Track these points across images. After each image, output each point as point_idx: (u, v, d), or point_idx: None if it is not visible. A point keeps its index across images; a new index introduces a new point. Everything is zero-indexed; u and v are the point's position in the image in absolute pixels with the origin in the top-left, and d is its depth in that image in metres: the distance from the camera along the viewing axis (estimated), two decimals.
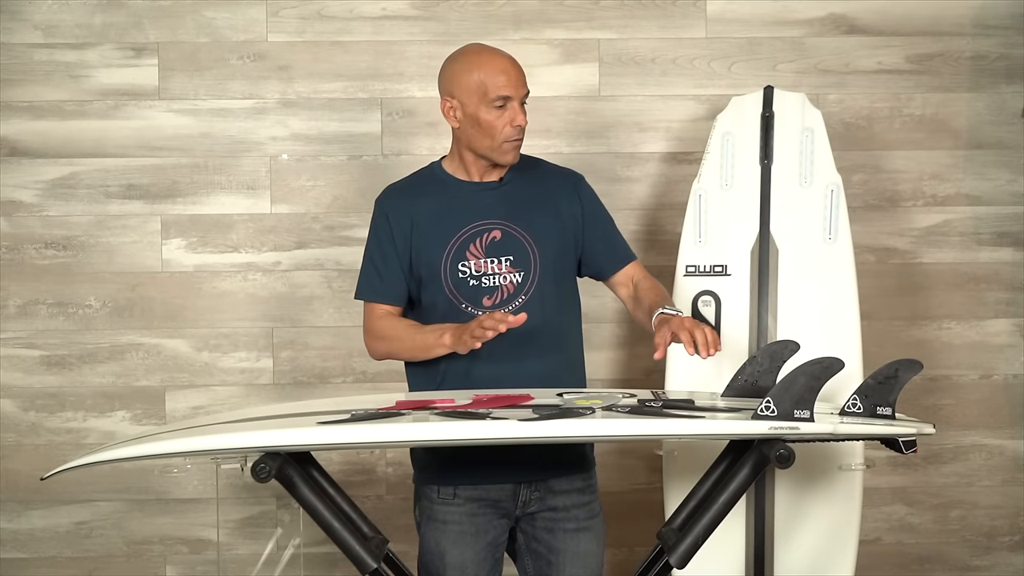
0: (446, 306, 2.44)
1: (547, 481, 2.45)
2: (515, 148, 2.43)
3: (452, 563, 2.42)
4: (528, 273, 2.44)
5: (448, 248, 2.43)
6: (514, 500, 2.45)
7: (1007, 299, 3.49)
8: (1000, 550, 3.52)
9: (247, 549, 3.43)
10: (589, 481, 2.51)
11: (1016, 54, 3.47)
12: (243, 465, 2.07)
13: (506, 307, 2.43)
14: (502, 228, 2.45)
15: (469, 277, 2.43)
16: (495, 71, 2.40)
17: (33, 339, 3.43)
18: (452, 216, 2.45)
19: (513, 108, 2.40)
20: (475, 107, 2.40)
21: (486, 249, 2.44)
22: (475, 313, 2.41)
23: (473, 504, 2.42)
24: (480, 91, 2.39)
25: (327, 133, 3.43)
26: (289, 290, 3.44)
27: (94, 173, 3.41)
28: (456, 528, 2.42)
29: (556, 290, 2.47)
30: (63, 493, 3.40)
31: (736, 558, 2.83)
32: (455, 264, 2.43)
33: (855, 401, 2.12)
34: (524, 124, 2.42)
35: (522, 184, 2.50)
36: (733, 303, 2.89)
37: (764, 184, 2.94)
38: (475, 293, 2.43)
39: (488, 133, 2.40)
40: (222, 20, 3.41)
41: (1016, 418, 3.50)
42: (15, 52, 3.40)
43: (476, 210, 2.45)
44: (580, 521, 2.47)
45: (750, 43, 3.45)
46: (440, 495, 2.44)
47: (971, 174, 3.48)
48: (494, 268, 2.43)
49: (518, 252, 2.44)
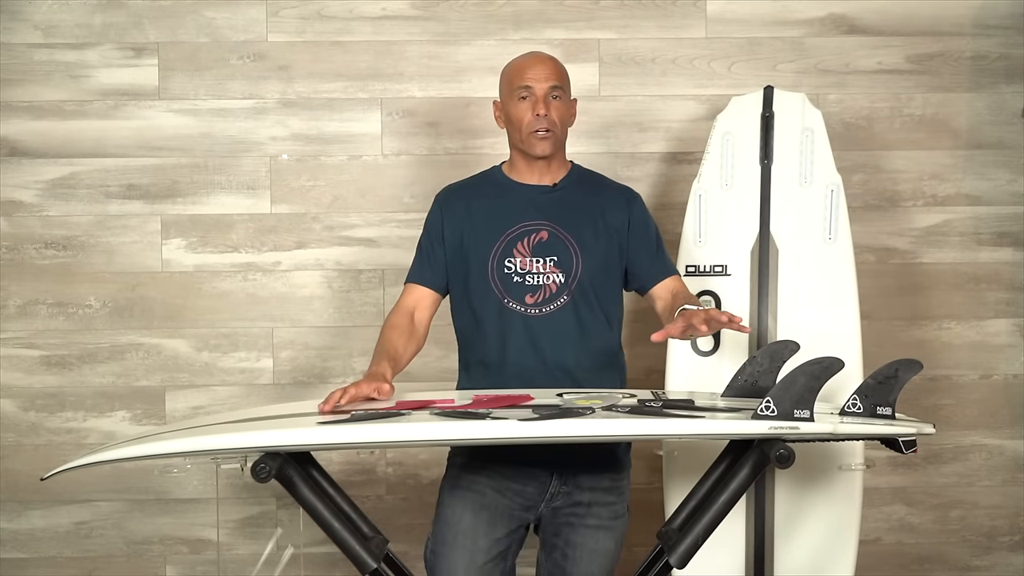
0: (491, 300, 2.50)
1: (577, 477, 2.48)
2: (543, 140, 2.52)
3: (464, 530, 2.42)
4: (570, 275, 2.50)
5: (497, 244, 2.52)
6: (541, 492, 2.47)
7: (1007, 299, 3.49)
8: (1000, 550, 3.52)
9: (247, 549, 3.43)
10: (618, 483, 2.53)
11: (1016, 54, 3.46)
12: (243, 465, 2.07)
13: (548, 306, 2.49)
14: (549, 230, 2.53)
15: (514, 274, 2.50)
16: (521, 66, 2.56)
17: (33, 339, 3.43)
18: (503, 214, 2.54)
19: (534, 98, 2.50)
20: (507, 103, 2.56)
21: (532, 248, 2.51)
22: (518, 309, 2.49)
23: (504, 480, 2.46)
24: (508, 87, 2.55)
25: (327, 133, 3.43)
26: (289, 290, 3.44)
27: (94, 173, 3.42)
28: (479, 499, 2.44)
29: (596, 295, 2.52)
30: (63, 493, 3.40)
31: (736, 558, 2.83)
32: (502, 260, 2.51)
33: (855, 401, 2.12)
34: (545, 113, 2.50)
35: (575, 191, 2.59)
36: (733, 303, 2.89)
37: (764, 184, 2.94)
38: (519, 289, 2.50)
39: (516, 125, 2.53)
40: (222, 20, 3.42)
41: (1016, 418, 3.50)
42: (15, 52, 3.40)
43: (526, 211, 2.54)
44: (603, 520, 2.49)
45: (750, 43, 3.45)
46: (472, 463, 2.47)
47: (971, 174, 3.48)
48: (538, 267, 2.50)
49: (562, 254, 2.51)
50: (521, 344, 2.48)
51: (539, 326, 2.48)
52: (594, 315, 2.51)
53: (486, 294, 2.51)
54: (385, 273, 3.41)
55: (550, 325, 2.48)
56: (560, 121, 2.54)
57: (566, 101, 2.57)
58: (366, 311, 3.41)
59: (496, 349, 2.50)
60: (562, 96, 2.55)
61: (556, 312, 2.49)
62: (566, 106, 2.57)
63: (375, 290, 3.41)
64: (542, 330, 2.48)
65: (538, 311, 2.49)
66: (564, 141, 2.59)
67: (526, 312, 2.48)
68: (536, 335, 2.48)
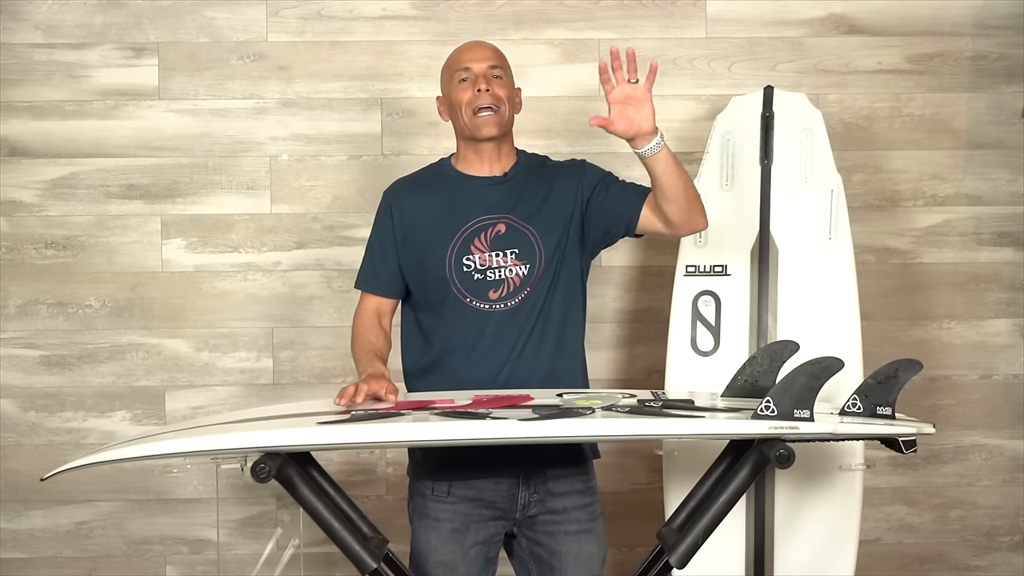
0: (452, 301, 2.44)
1: (546, 483, 2.44)
2: (489, 122, 2.45)
3: (442, 561, 2.41)
4: (533, 266, 2.45)
5: (453, 242, 2.45)
6: (512, 502, 2.43)
7: (1007, 299, 3.49)
8: (1000, 550, 3.52)
9: (247, 549, 3.43)
10: (589, 483, 2.50)
11: (1016, 54, 3.47)
12: (243, 465, 2.07)
13: (512, 299, 2.43)
14: (507, 222, 2.46)
15: (474, 271, 2.43)
16: (458, 53, 2.53)
17: (33, 339, 3.43)
18: (457, 210, 2.47)
19: (474, 76, 2.46)
20: (448, 91, 2.51)
21: (491, 243, 2.45)
22: (480, 307, 2.42)
23: (467, 503, 2.42)
24: (448, 74, 2.51)
25: (327, 133, 3.43)
26: (289, 290, 3.44)
27: (94, 173, 3.42)
28: (448, 526, 2.42)
29: (561, 283, 2.47)
30: (63, 493, 3.40)
31: (736, 558, 2.84)
32: (460, 258, 2.44)
33: (855, 401, 2.12)
34: (487, 89, 2.44)
35: (526, 179, 2.52)
36: (733, 303, 2.90)
37: (764, 184, 2.94)
38: (480, 287, 2.43)
39: (459, 108, 2.47)
40: (222, 20, 3.42)
41: (1016, 418, 3.50)
42: (15, 52, 3.40)
43: (481, 204, 2.47)
44: (581, 523, 2.46)
45: (750, 43, 3.45)
46: (434, 492, 2.43)
47: (971, 174, 3.48)
48: (499, 261, 2.44)
49: (523, 245, 2.45)
50: (488, 341, 2.41)
51: (504, 320, 2.41)
52: (558, 304, 2.45)
53: (445, 293, 2.44)
54: None
55: (516, 317, 2.42)
56: (505, 99, 2.46)
57: (508, 83, 2.50)
58: None
59: (460, 349, 2.43)
60: (503, 76, 2.48)
61: (521, 304, 2.42)
62: (508, 87, 2.49)
63: None
64: (509, 323, 2.41)
65: (503, 305, 2.42)
66: (511, 125, 2.51)
67: (491, 308, 2.42)
68: (503, 329, 2.41)
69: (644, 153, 2.33)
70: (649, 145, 2.32)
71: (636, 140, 2.32)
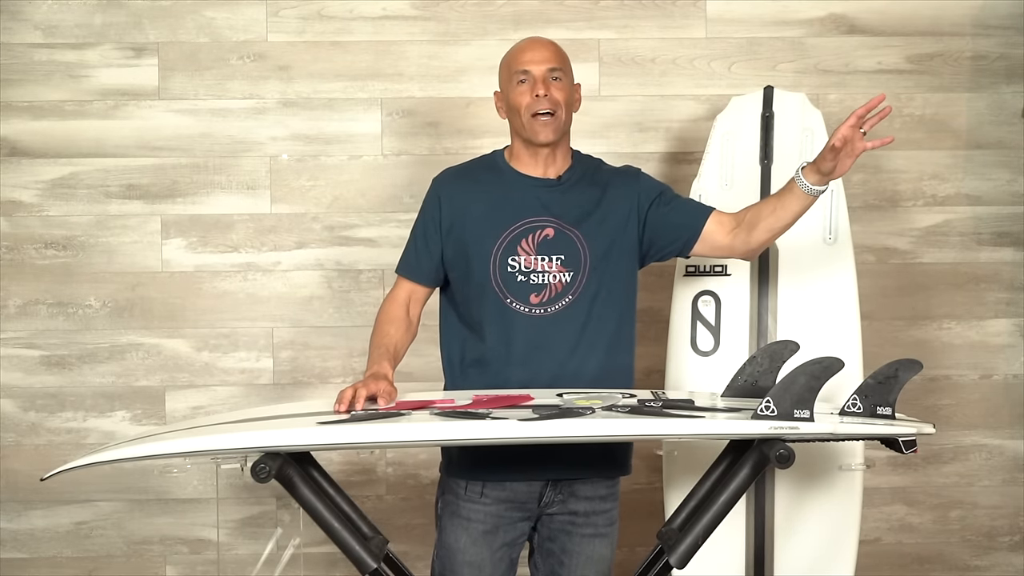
0: (492, 299, 2.43)
1: (572, 485, 2.44)
2: (546, 126, 2.43)
3: (470, 561, 2.42)
4: (578, 273, 2.44)
5: (500, 241, 2.44)
6: (536, 500, 2.45)
7: (1007, 299, 3.49)
8: (1000, 550, 3.52)
9: (247, 549, 3.43)
10: (613, 489, 2.51)
11: (1016, 54, 3.47)
12: (243, 465, 2.07)
13: (553, 305, 2.43)
14: (555, 227, 2.45)
15: (518, 272, 2.43)
16: (517, 51, 2.49)
17: (33, 339, 3.43)
18: (506, 209, 2.46)
19: (533, 80, 2.43)
20: (506, 91, 2.48)
21: (537, 246, 2.43)
22: (519, 309, 2.42)
23: (499, 505, 2.43)
24: (507, 73, 2.48)
25: (327, 133, 3.43)
26: (289, 290, 3.44)
27: (94, 173, 3.42)
28: (479, 527, 2.43)
29: (606, 292, 2.45)
30: (63, 493, 3.40)
31: (736, 558, 2.83)
32: (505, 258, 2.43)
33: (855, 401, 2.12)
34: (545, 93, 2.41)
35: (580, 184, 2.50)
36: (733, 303, 2.89)
37: (764, 184, 2.94)
38: (522, 289, 2.43)
39: (517, 111, 2.45)
40: (222, 20, 3.42)
41: (1016, 418, 3.50)
42: (15, 52, 3.40)
43: (531, 206, 2.46)
44: (599, 528, 2.48)
45: (750, 43, 3.45)
46: (467, 492, 2.44)
47: (971, 174, 3.48)
48: (544, 266, 2.43)
49: (569, 252, 2.44)
50: (525, 345, 2.41)
51: (544, 326, 2.42)
52: (602, 313, 2.45)
53: (486, 292, 2.43)
54: (385, 273, 3.40)
55: (556, 325, 2.42)
56: (563, 103, 2.44)
57: (567, 84, 2.47)
58: (366, 311, 3.41)
59: (497, 349, 2.43)
60: (563, 78, 2.45)
61: (562, 311, 2.42)
62: (568, 89, 2.47)
63: (375, 290, 3.41)
64: (548, 330, 2.41)
65: (543, 311, 2.42)
66: (568, 127, 2.49)
67: (530, 312, 2.42)
68: (542, 335, 2.41)
69: (812, 191, 2.36)
70: (822, 188, 2.36)
71: (822, 179, 2.34)
